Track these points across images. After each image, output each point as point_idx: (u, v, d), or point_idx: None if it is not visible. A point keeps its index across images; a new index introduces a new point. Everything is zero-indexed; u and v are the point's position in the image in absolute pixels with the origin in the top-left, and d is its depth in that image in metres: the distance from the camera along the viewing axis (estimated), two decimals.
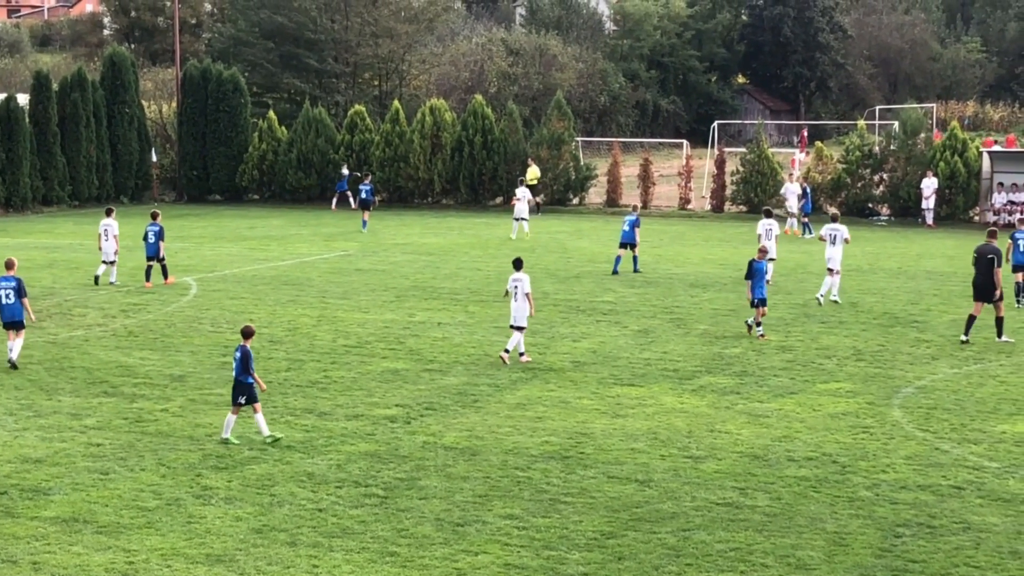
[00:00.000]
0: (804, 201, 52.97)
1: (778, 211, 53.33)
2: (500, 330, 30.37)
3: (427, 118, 64.75)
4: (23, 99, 62.81)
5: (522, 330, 27.04)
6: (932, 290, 36.72)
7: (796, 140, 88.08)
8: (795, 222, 52.57)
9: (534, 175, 60.58)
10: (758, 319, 29.69)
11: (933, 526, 17.00)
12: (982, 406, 23.37)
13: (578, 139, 66.30)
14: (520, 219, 50.80)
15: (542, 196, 61.52)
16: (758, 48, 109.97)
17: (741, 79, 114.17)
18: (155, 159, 67.62)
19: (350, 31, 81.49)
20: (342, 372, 26.07)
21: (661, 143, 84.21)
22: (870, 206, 59.08)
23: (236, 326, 31.00)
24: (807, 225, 52.13)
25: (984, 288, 29.15)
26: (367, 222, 53.04)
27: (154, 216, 38.23)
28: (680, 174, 63.00)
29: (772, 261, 38.89)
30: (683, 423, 22.16)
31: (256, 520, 17.14)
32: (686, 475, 19.16)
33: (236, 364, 20.69)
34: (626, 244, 40.24)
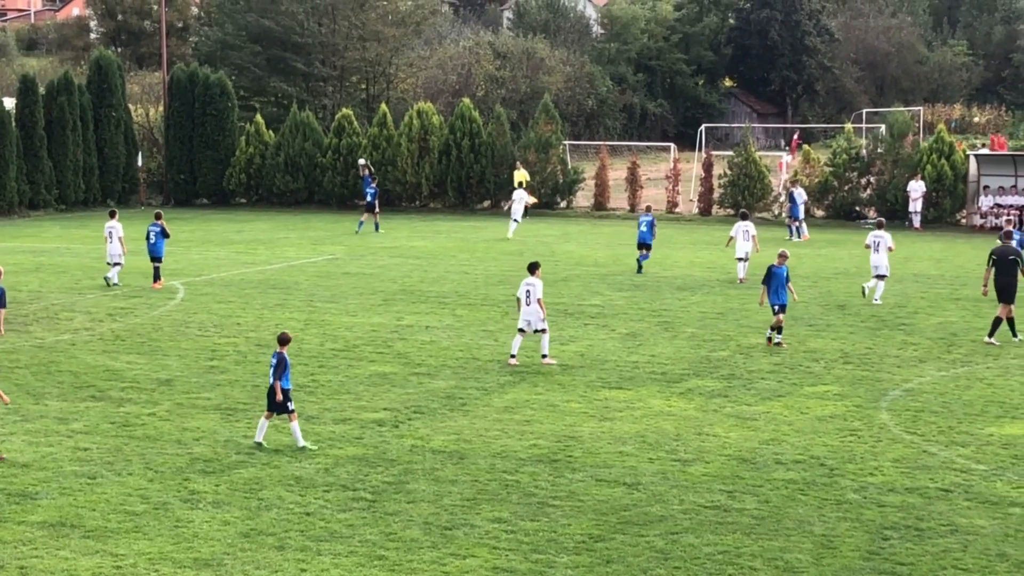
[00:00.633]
0: (792, 205, 52.97)
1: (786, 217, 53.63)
2: (488, 334, 30.38)
3: (415, 121, 64.69)
4: (9, 103, 62.62)
5: (542, 331, 27.14)
6: (919, 293, 36.77)
7: (784, 145, 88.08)
8: (804, 227, 52.45)
9: (522, 178, 60.66)
10: (776, 325, 28.94)
11: (921, 529, 17.02)
12: (969, 409, 23.41)
13: (566, 142, 66.25)
14: (515, 220, 51.91)
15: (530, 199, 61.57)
16: (745, 51, 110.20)
17: (728, 82, 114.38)
18: (141, 163, 67.42)
19: (337, 35, 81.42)
20: (330, 376, 26.04)
21: (649, 146, 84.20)
22: (857, 209, 59.16)
23: (223, 330, 31.01)
24: (793, 228, 52.17)
25: (1008, 289, 29.61)
26: (364, 224, 53.36)
27: (157, 216, 38.80)
28: (668, 177, 63.07)
29: (744, 261, 39.14)
30: (671, 426, 22.17)
31: (244, 524, 17.11)
32: (674, 478, 19.17)
33: (272, 370, 20.64)
34: (644, 244, 41.17)
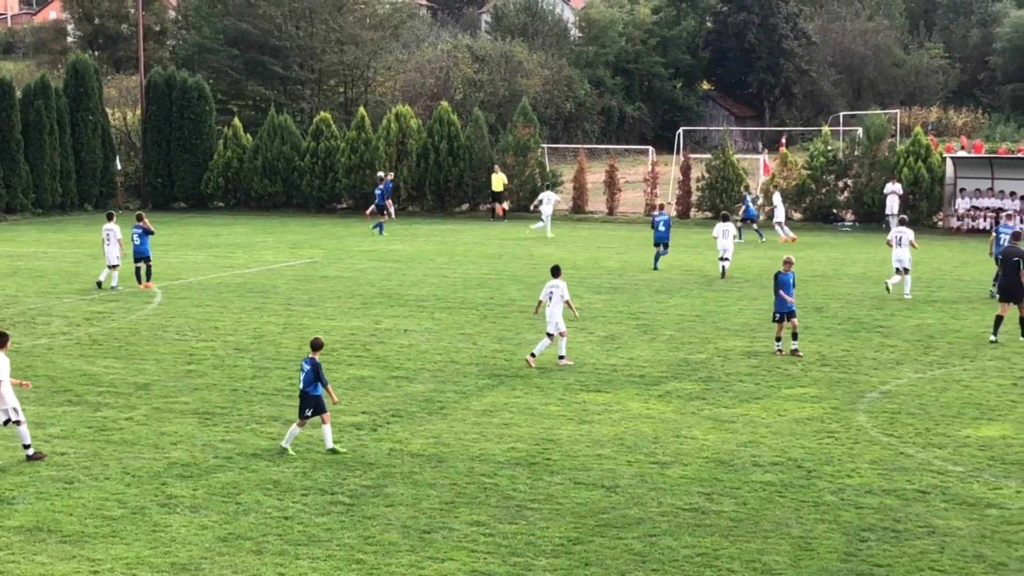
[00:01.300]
0: (745, 208, 52.74)
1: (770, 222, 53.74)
2: (466, 337, 30.36)
3: (393, 125, 64.63)
4: None
5: (563, 334, 27.20)
6: (896, 295, 36.86)
7: (762, 148, 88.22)
8: (786, 229, 52.58)
9: (500, 182, 60.74)
10: (780, 334, 28.44)
11: (898, 530, 17.08)
12: (946, 410, 23.48)
13: (544, 146, 66.30)
14: (544, 219, 54.00)
15: (507, 203, 61.60)
16: (723, 54, 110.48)
17: (706, 85, 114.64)
18: (119, 167, 67.19)
19: (315, 38, 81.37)
20: None
21: (627, 149, 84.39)
22: (834, 212, 59.31)
23: (201, 334, 30.93)
24: (759, 231, 52.15)
25: (1012, 289, 29.78)
26: (383, 225, 54.44)
27: (139, 218, 39.00)
28: (646, 180, 63.14)
29: (726, 261, 39.61)
30: (649, 429, 22.20)
31: (222, 528, 17.07)
32: (652, 481, 19.19)
33: (304, 375, 20.51)
34: (662, 242, 42.64)
